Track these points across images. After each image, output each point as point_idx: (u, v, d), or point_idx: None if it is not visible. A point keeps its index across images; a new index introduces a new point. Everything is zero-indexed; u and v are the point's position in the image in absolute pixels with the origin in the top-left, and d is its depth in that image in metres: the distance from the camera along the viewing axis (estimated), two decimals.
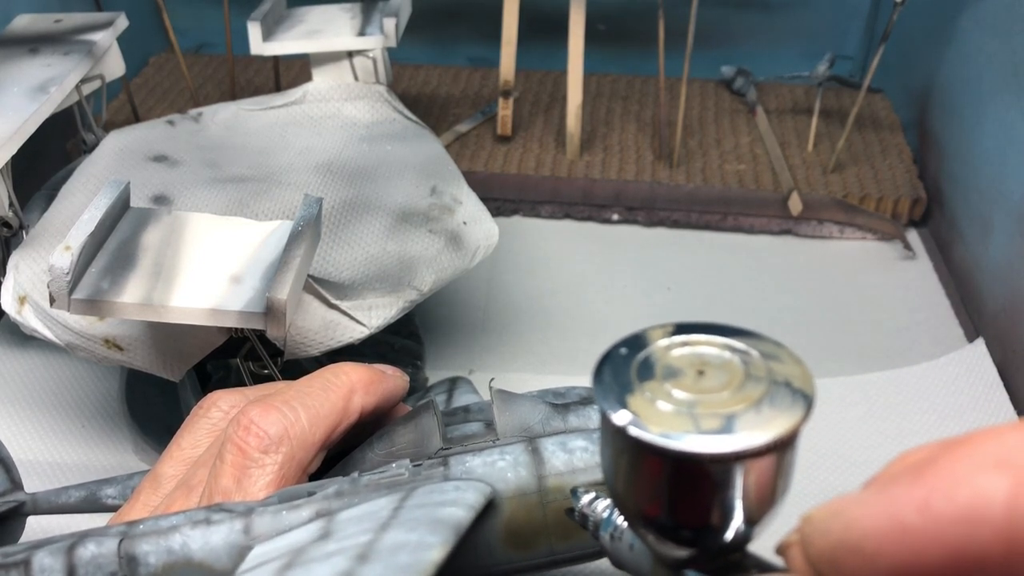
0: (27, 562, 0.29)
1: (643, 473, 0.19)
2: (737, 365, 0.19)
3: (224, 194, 0.47)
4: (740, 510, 0.18)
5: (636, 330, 0.20)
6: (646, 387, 0.18)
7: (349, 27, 0.57)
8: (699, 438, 0.17)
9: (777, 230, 0.68)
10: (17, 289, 0.42)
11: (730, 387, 0.18)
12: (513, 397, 0.33)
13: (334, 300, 0.41)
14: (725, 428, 0.17)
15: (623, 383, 0.19)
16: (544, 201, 0.70)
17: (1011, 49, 0.59)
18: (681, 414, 0.18)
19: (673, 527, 0.19)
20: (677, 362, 0.19)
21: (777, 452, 0.18)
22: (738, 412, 0.18)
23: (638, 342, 0.20)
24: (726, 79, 0.81)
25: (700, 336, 0.20)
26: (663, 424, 0.18)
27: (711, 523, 0.19)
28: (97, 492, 0.38)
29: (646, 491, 0.19)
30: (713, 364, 0.19)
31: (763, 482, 0.18)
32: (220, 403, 0.34)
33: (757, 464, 0.18)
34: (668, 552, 0.20)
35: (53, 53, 0.50)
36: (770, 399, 0.18)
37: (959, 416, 0.52)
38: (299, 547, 0.26)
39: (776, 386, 0.18)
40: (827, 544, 0.17)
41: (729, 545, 0.19)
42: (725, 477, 0.18)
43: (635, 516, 0.20)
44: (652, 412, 0.18)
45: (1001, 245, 0.58)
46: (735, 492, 0.18)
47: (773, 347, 0.19)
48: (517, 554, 0.30)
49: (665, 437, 0.17)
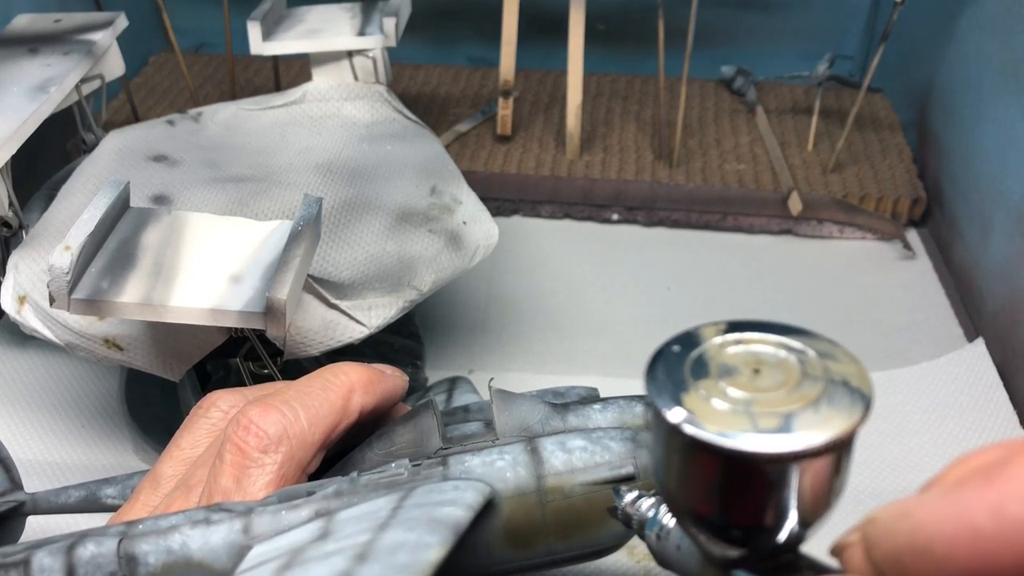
0: (26, 562, 0.29)
1: (697, 471, 0.18)
2: (793, 364, 0.19)
3: (224, 194, 0.47)
4: (794, 511, 0.18)
5: (688, 328, 0.20)
6: (701, 385, 0.18)
7: (349, 27, 0.57)
8: (757, 437, 0.17)
9: (777, 230, 0.68)
10: (17, 289, 0.42)
11: (787, 386, 0.18)
12: (513, 397, 0.33)
13: (334, 300, 0.41)
14: (783, 427, 0.17)
15: (677, 381, 0.18)
16: (544, 201, 0.70)
17: (1011, 49, 0.58)
18: (738, 413, 0.18)
19: (725, 526, 0.19)
20: (732, 360, 0.19)
21: (835, 452, 0.18)
22: (796, 411, 0.17)
23: (691, 340, 0.19)
24: (726, 79, 0.81)
25: (754, 334, 0.19)
26: (719, 422, 0.17)
27: (764, 523, 0.18)
28: (97, 492, 0.38)
29: (699, 489, 0.19)
30: (768, 363, 0.19)
31: (819, 483, 0.18)
32: (219, 403, 0.34)
33: (814, 464, 0.18)
34: (719, 552, 0.20)
35: (53, 53, 0.50)
36: (828, 398, 0.18)
37: (959, 416, 0.52)
38: (298, 547, 0.26)
39: (834, 385, 0.18)
40: (893, 546, 0.17)
41: (782, 546, 0.19)
42: (781, 477, 0.18)
43: (686, 514, 0.20)
44: (708, 410, 0.18)
45: (1001, 245, 0.58)
46: (790, 492, 0.18)
47: (828, 346, 0.19)
48: (516, 554, 0.30)
49: (722, 436, 0.17)
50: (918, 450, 0.50)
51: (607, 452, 0.30)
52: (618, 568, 0.43)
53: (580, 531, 0.29)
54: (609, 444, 0.30)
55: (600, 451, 0.30)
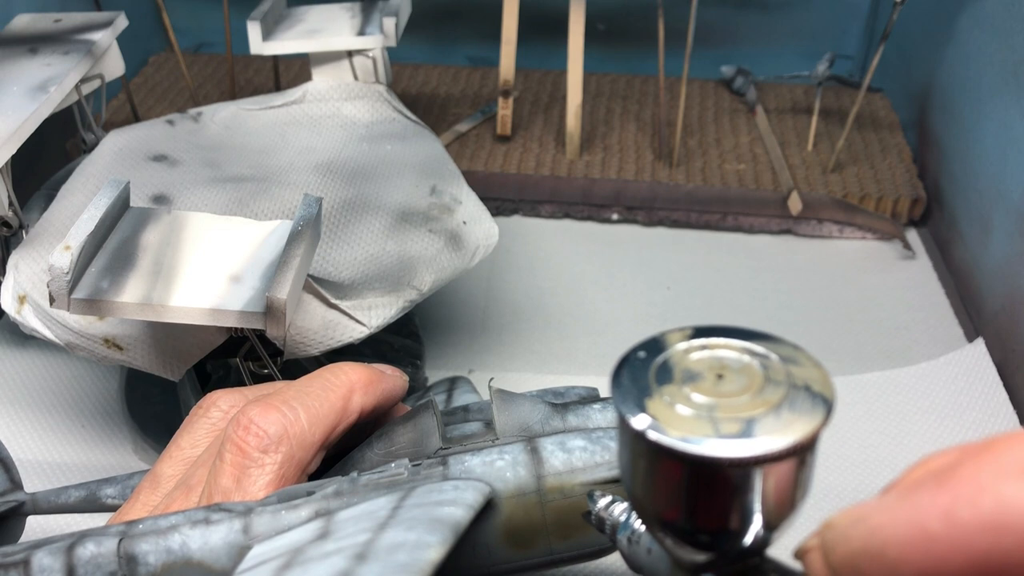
0: (27, 562, 0.29)
1: (662, 477, 0.19)
2: (756, 369, 0.19)
3: (224, 194, 0.47)
4: (759, 515, 0.18)
5: (654, 333, 0.20)
6: (665, 391, 0.18)
7: (349, 26, 0.57)
8: (719, 442, 0.17)
9: (777, 230, 0.68)
10: (17, 288, 0.42)
11: (749, 391, 0.18)
12: (512, 397, 0.33)
13: (334, 300, 0.41)
14: (745, 432, 0.17)
15: (642, 387, 0.19)
16: (544, 201, 0.70)
17: (1010, 49, 0.59)
18: (700, 418, 0.18)
19: (691, 531, 0.19)
20: (696, 366, 0.19)
21: (797, 456, 0.18)
22: (758, 416, 0.18)
23: (656, 345, 0.20)
24: (726, 79, 0.81)
25: (719, 339, 0.19)
26: (682, 428, 0.17)
27: (730, 527, 0.19)
28: (97, 492, 0.38)
29: (664, 495, 0.19)
30: (732, 368, 0.19)
31: (782, 486, 0.18)
32: (220, 403, 0.34)
33: (777, 468, 0.18)
34: (686, 556, 0.20)
35: (53, 52, 0.50)
36: (790, 403, 0.18)
37: (958, 416, 0.52)
38: (298, 547, 0.26)
39: (796, 390, 0.18)
40: (849, 550, 0.17)
41: (748, 549, 0.19)
42: (744, 481, 0.18)
43: (653, 520, 0.20)
44: (671, 416, 0.18)
45: (1001, 244, 0.58)
46: (754, 496, 0.18)
47: (792, 351, 0.19)
48: (516, 553, 0.30)
49: (684, 441, 0.17)
50: (917, 450, 0.50)
51: (607, 452, 0.30)
52: (618, 568, 0.43)
53: (580, 531, 0.29)
54: (609, 444, 0.30)
55: (600, 451, 0.30)
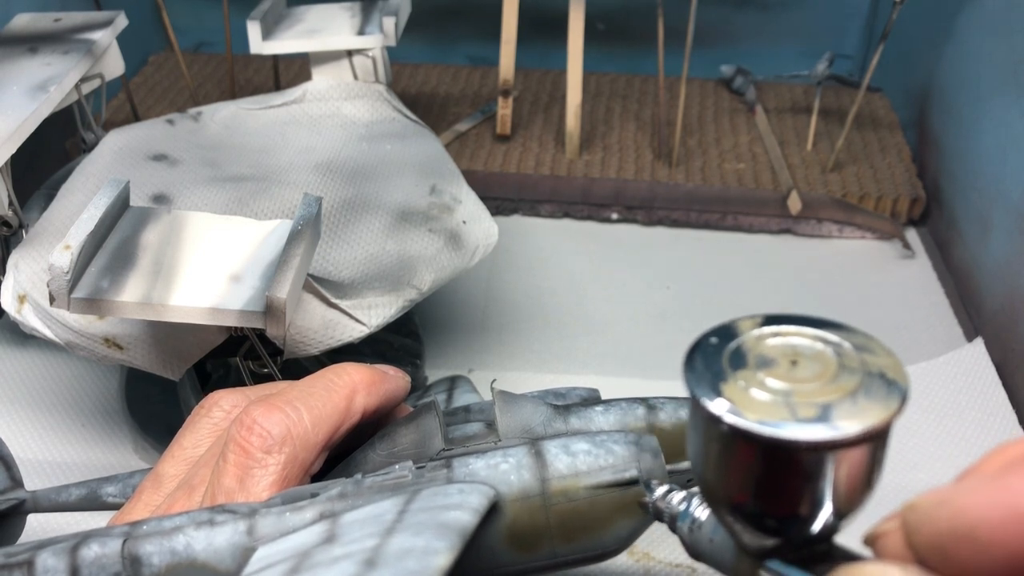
0: (31, 562, 0.29)
1: (735, 460, 0.19)
2: (830, 356, 0.19)
3: (224, 193, 0.47)
4: (830, 501, 0.19)
5: (725, 320, 0.20)
6: (739, 376, 0.19)
7: (348, 26, 0.57)
8: (797, 426, 0.17)
9: (776, 229, 0.68)
10: (17, 288, 0.42)
11: (824, 377, 0.18)
12: (515, 398, 0.33)
13: (334, 299, 0.41)
14: (822, 417, 0.17)
15: (716, 372, 0.19)
16: (543, 200, 0.70)
17: (1010, 48, 0.59)
18: (777, 403, 0.18)
19: (761, 516, 0.19)
20: (770, 352, 0.19)
21: (872, 443, 0.18)
22: (834, 402, 0.18)
23: (728, 332, 0.20)
24: (725, 78, 0.81)
25: (790, 327, 0.20)
26: (760, 412, 0.18)
27: (799, 513, 0.19)
28: (98, 490, 0.38)
29: (736, 479, 0.19)
30: (806, 355, 0.19)
31: (855, 473, 0.18)
32: (222, 403, 0.34)
33: (851, 454, 0.18)
34: (753, 542, 0.20)
35: (52, 52, 0.49)
36: (865, 390, 0.18)
37: (958, 415, 0.52)
38: (304, 550, 0.26)
39: (871, 377, 0.18)
40: (935, 531, 0.17)
41: (815, 536, 0.19)
42: (818, 467, 0.18)
43: (722, 504, 0.20)
44: (747, 400, 0.18)
45: (1000, 244, 0.58)
46: (826, 483, 0.18)
47: (864, 339, 0.19)
48: (519, 556, 0.30)
49: (763, 424, 0.17)
50: (917, 449, 0.50)
51: (611, 455, 0.30)
52: (618, 568, 0.43)
53: (584, 534, 0.29)
54: (613, 447, 0.30)
55: (604, 454, 0.30)
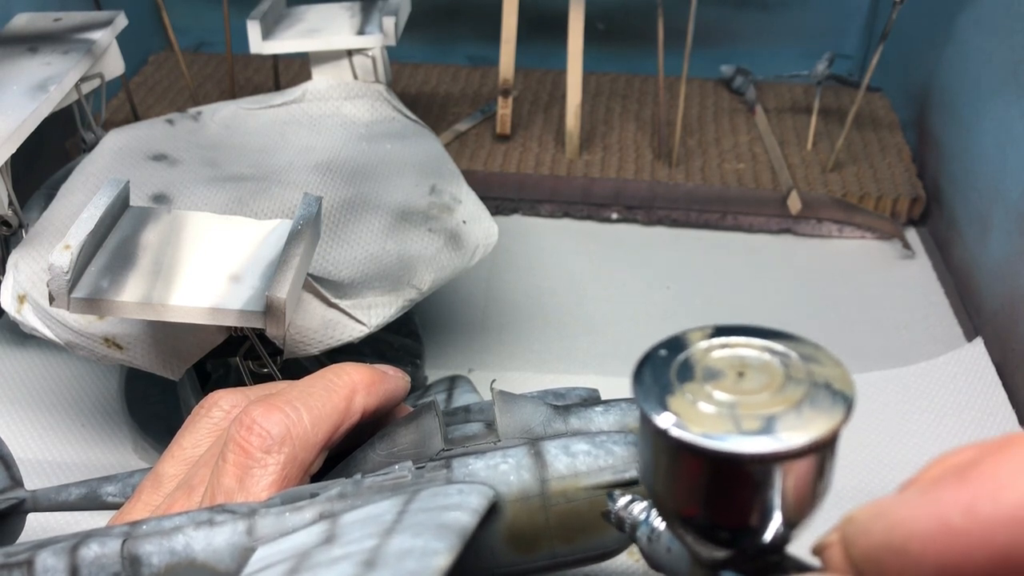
0: (30, 562, 0.29)
1: (683, 473, 0.19)
2: (777, 367, 0.19)
3: (223, 193, 0.47)
4: (779, 511, 0.19)
5: (675, 332, 0.20)
6: (687, 388, 0.19)
7: (348, 26, 0.57)
8: (741, 439, 0.17)
9: (776, 229, 0.68)
10: (16, 288, 0.42)
11: (770, 389, 0.18)
12: (515, 398, 0.33)
13: (333, 299, 0.41)
14: (766, 429, 0.17)
15: (663, 384, 0.19)
16: (543, 200, 0.70)
17: (1010, 48, 0.59)
18: (722, 415, 0.18)
19: (712, 527, 0.19)
20: (717, 364, 0.19)
21: (818, 453, 0.18)
22: (779, 413, 0.18)
23: (677, 344, 0.20)
24: (725, 78, 0.81)
25: (739, 338, 0.20)
26: (705, 425, 0.18)
27: (750, 524, 0.19)
28: (97, 490, 0.38)
29: (686, 491, 0.19)
30: (753, 366, 0.19)
31: (803, 483, 0.18)
32: (222, 403, 0.34)
33: (797, 465, 0.18)
34: (706, 553, 0.20)
35: (52, 52, 0.49)
36: (811, 401, 0.18)
37: (958, 415, 0.52)
38: (304, 550, 0.26)
39: (816, 388, 0.18)
40: (870, 544, 0.17)
41: (767, 546, 0.19)
42: (765, 478, 0.18)
43: (674, 516, 0.20)
44: (693, 413, 0.18)
45: (1000, 244, 0.58)
46: (775, 493, 0.18)
47: (812, 349, 0.19)
48: (519, 556, 0.30)
49: (707, 438, 0.17)
50: (916, 449, 0.50)
51: (611, 456, 0.30)
52: (618, 568, 0.43)
53: (584, 535, 0.29)
54: (612, 448, 0.30)
55: (604, 455, 0.30)
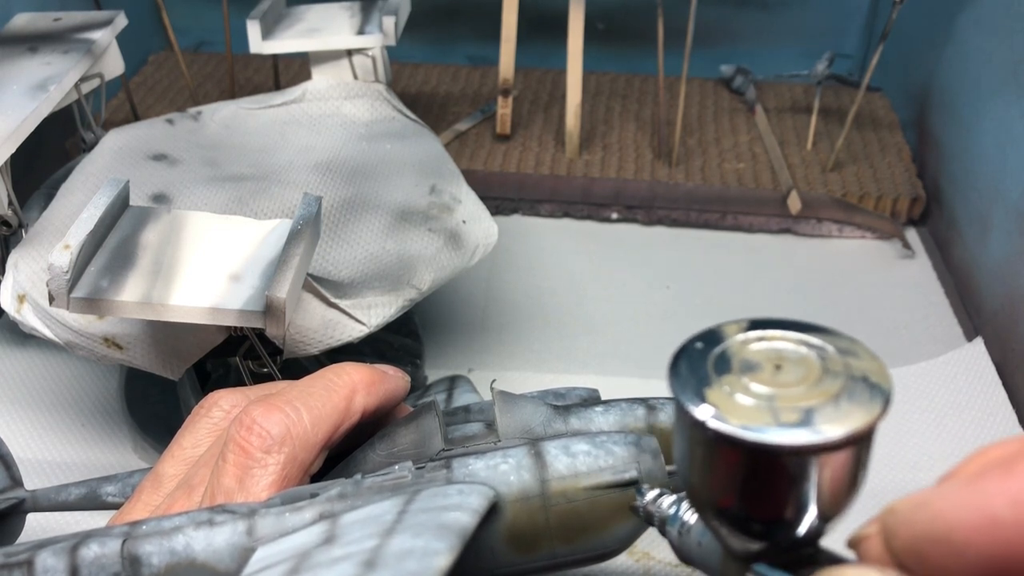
0: (30, 562, 0.29)
1: (720, 465, 0.19)
2: (814, 360, 0.19)
3: (223, 193, 0.47)
4: (814, 505, 0.19)
5: (710, 325, 0.20)
6: (724, 381, 0.19)
7: (348, 25, 0.57)
8: (779, 431, 0.17)
9: (776, 229, 0.68)
10: (16, 288, 0.42)
11: (807, 382, 0.18)
12: (515, 399, 0.33)
13: (333, 299, 0.41)
14: (804, 421, 0.17)
15: (700, 377, 0.19)
16: (543, 200, 0.70)
17: (1010, 48, 0.59)
18: (760, 407, 0.18)
19: (746, 519, 0.19)
20: (754, 356, 0.19)
21: (855, 446, 0.18)
22: (817, 406, 0.18)
23: (714, 337, 0.20)
24: (725, 78, 0.81)
25: (775, 331, 0.20)
26: (743, 417, 0.18)
27: (784, 516, 0.19)
28: (97, 490, 0.38)
29: (721, 483, 0.19)
30: (790, 359, 0.19)
31: (838, 477, 0.18)
32: (221, 403, 0.34)
33: (834, 458, 0.18)
34: (739, 545, 0.20)
35: (52, 51, 0.49)
36: (848, 394, 0.18)
37: (958, 415, 0.52)
38: (304, 551, 0.26)
39: (854, 381, 0.18)
40: (913, 535, 0.17)
41: (801, 539, 0.19)
42: (802, 471, 0.18)
43: (708, 508, 0.20)
44: (731, 405, 0.18)
45: (1000, 244, 0.58)
46: (810, 486, 0.18)
47: (848, 343, 0.19)
48: (519, 557, 0.30)
49: (746, 429, 0.18)
50: (916, 449, 0.50)
51: (611, 456, 0.30)
52: (618, 568, 0.43)
53: (584, 535, 0.29)
54: (613, 448, 0.30)
55: (604, 455, 0.30)
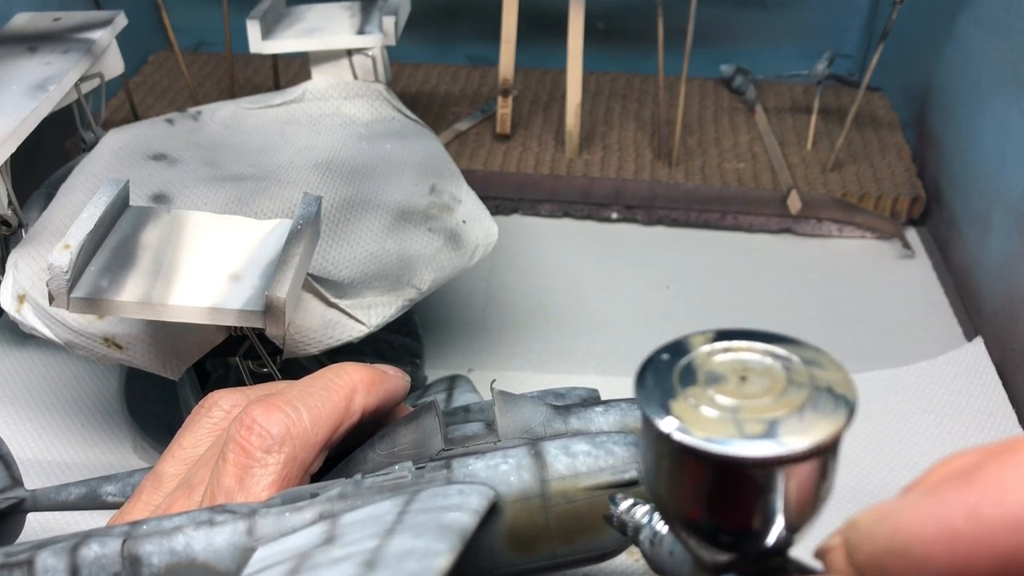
0: (30, 562, 0.29)
1: (686, 477, 0.19)
2: (779, 371, 0.19)
3: (223, 192, 0.47)
4: (781, 515, 0.19)
5: (676, 336, 0.20)
6: (689, 392, 0.19)
7: (348, 25, 0.57)
8: (743, 443, 0.17)
9: (776, 229, 0.68)
10: (16, 287, 0.42)
11: (773, 393, 0.18)
12: (515, 399, 0.33)
13: (333, 299, 0.41)
14: (768, 433, 0.17)
15: (666, 388, 0.19)
16: (543, 200, 0.70)
17: (1010, 48, 0.59)
18: (725, 419, 0.18)
19: (714, 531, 0.19)
20: (719, 368, 0.19)
21: (820, 457, 0.18)
22: (781, 417, 0.18)
23: (680, 348, 0.20)
24: (725, 77, 0.81)
25: (741, 342, 0.20)
26: (707, 429, 0.18)
27: (752, 527, 0.19)
28: (97, 489, 0.38)
29: (688, 495, 0.19)
30: (755, 370, 0.19)
31: (805, 487, 0.18)
32: (222, 402, 0.34)
33: (800, 469, 0.18)
34: (708, 556, 0.20)
35: (52, 51, 0.49)
36: (813, 405, 0.18)
37: (958, 415, 0.52)
38: (304, 551, 0.26)
39: (818, 392, 0.18)
40: (874, 549, 0.17)
41: (770, 550, 0.19)
42: (768, 482, 0.18)
43: (676, 519, 0.20)
44: (696, 417, 0.18)
45: (1000, 243, 0.58)
46: (777, 497, 0.18)
47: (814, 353, 0.19)
48: (519, 557, 0.30)
49: (710, 442, 0.17)
50: (916, 449, 0.50)
51: (611, 457, 0.30)
52: (618, 568, 0.43)
53: (583, 535, 0.29)
54: (613, 449, 0.30)
55: (604, 455, 0.30)
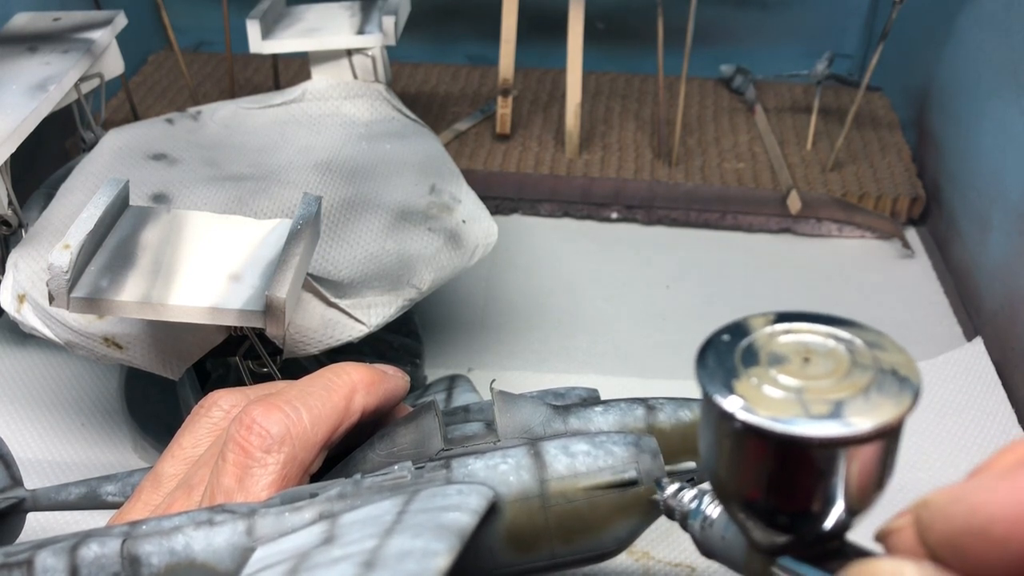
0: (30, 562, 0.29)
1: (748, 457, 0.19)
2: (842, 353, 0.19)
3: (223, 192, 0.47)
4: (842, 498, 0.19)
5: (736, 318, 0.20)
6: (752, 373, 0.19)
7: (348, 25, 0.57)
8: (809, 423, 0.17)
9: (776, 228, 0.68)
10: (16, 287, 0.42)
11: (836, 374, 0.18)
12: (514, 398, 0.33)
13: (333, 298, 0.41)
14: (834, 414, 0.17)
15: (728, 369, 0.19)
16: (543, 199, 0.70)
17: (1010, 47, 0.59)
18: (789, 399, 0.18)
19: (773, 512, 0.19)
20: (782, 349, 0.19)
21: (884, 439, 0.18)
22: (846, 399, 0.18)
23: (740, 329, 0.20)
24: (725, 77, 0.81)
25: (803, 324, 0.20)
26: (772, 408, 0.18)
27: (811, 509, 0.19)
28: (97, 489, 0.38)
29: (749, 475, 0.19)
30: (818, 352, 0.19)
31: (866, 470, 0.18)
32: (221, 402, 0.34)
33: (863, 451, 0.18)
34: (765, 538, 0.20)
35: (52, 51, 0.49)
36: (878, 386, 0.18)
37: (957, 414, 0.52)
38: (303, 551, 0.26)
39: (883, 374, 0.18)
40: (950, 529, 0.17)
41: (827, 533, 0.19)
42: (830, 463, 0.18)
43: (734, 500, 0.20)
44: (760, 397, 0.18)
45: (1000, 243, 0.58)
46: (838, 479, 0.18)
47: (876, 336, 0.19)
48: (518, 557, 0.30)
49: (775, 421, 0.17)
50: (916, 448, 0.50)
51: (610, 456, 0.30)
52: (618, 567, 0.43)
53: (583, 535, 0.29)
54: (612, 448, 0.30)
55: (603, 455, 0.30)
